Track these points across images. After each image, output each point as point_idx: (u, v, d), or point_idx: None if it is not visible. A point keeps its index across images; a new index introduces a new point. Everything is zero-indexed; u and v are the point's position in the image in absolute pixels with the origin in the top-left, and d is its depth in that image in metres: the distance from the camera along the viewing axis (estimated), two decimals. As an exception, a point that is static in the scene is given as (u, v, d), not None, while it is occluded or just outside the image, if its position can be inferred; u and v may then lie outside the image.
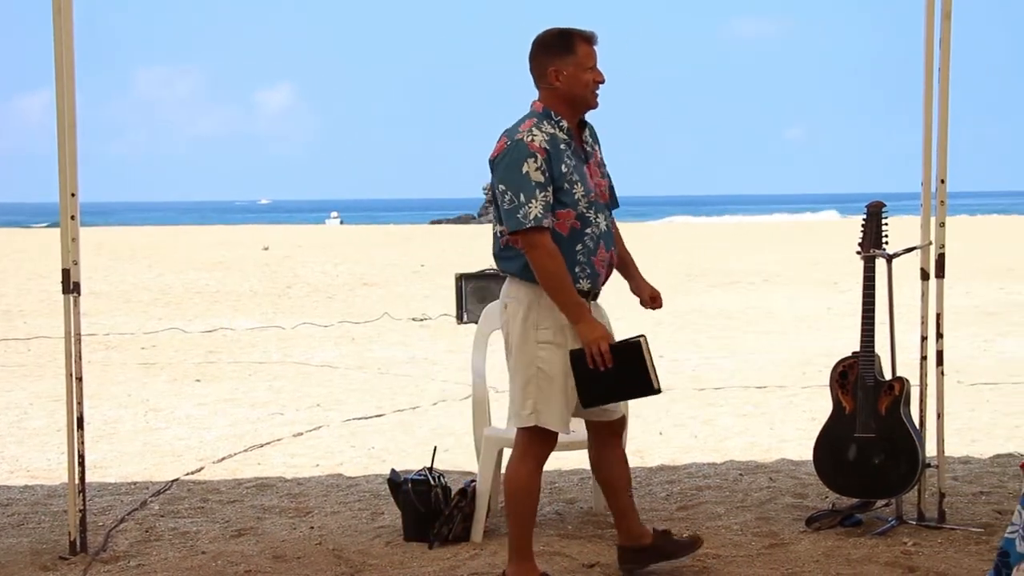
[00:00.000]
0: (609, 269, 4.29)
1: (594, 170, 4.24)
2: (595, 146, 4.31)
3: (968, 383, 9.01)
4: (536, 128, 4.08)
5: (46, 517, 5.48)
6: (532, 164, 4.02)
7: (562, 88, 4.13)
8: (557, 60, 4.12)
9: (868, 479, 5.00)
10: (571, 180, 4.09)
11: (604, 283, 4.31)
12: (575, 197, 4.10)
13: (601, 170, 4.28)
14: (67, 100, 4.69)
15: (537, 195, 4.00)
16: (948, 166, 4.96)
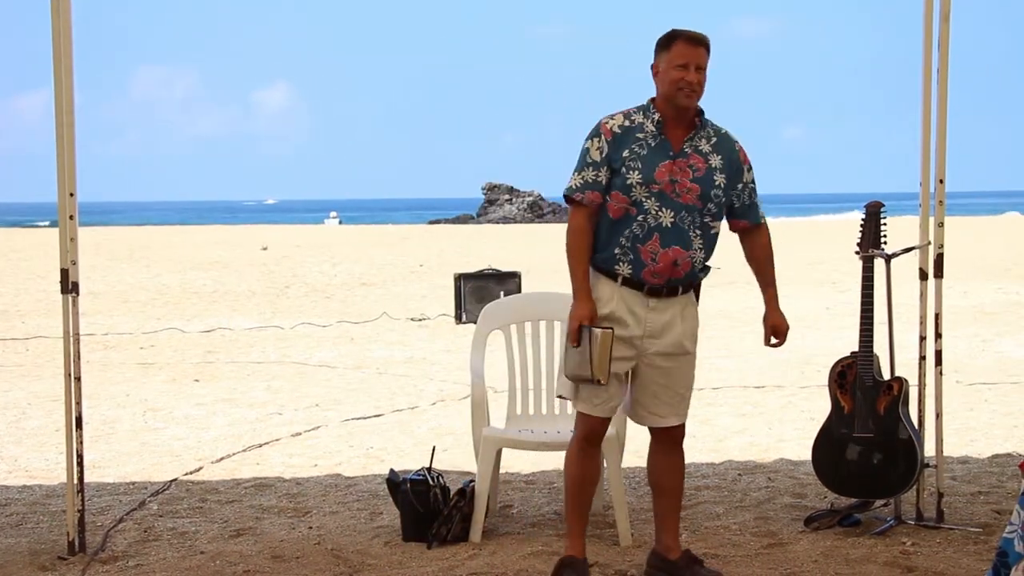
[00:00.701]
0: (669, 266, 4.23)
1: (679, 168, 4.23)
2: (709, 152, 4.28)
3: (966, 383, 9.02)
4: (624, 114, 4.31)
5: (44, 517, 5.48)
6: (595, 143, 4.27)
7: (657, 83, 4.30)
8: (658, 56, 4.29)
9: (867, 479, 5.00)
10: (629, 166, 4.21)
11: (662, 279, 4.25)
12: (628, 182, 4.20)
13: (694, 173, 4.23)
14: (65, 100, 4.69)
15: (584, 170, 4.26)
16: (947, 166, 4.96)
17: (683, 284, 4.31)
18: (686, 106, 4.23)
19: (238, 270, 22.40)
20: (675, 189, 4.22)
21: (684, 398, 4.41)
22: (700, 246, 4.30)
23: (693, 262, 4.28)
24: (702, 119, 4.31)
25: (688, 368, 4.39)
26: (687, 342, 4.35)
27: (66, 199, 4.73)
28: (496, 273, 14.15)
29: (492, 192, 59.91)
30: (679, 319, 4.32)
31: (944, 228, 5.00)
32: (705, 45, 4.24)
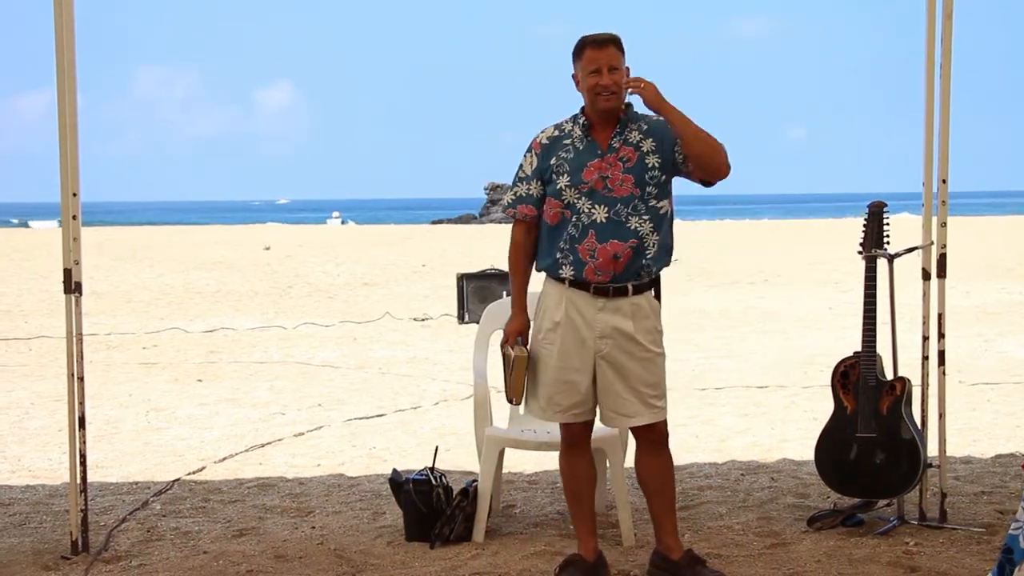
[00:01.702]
0: (609, 261, 4.25)
1: (608, 164, 4.27)
2: (640, 140, 4.29)
3: (969, 383, 9.01)
4: (555, 126, 4.41)
5: (48, 517, 5.48)
6: (526, 158, 4.42)
7: (580, 91, 4.36)
8: (575, 66, 4.36)
9: (870, 479, 5.00)
10: (557, 171, 4.32)
11: (605, 276, 4.27)
12: (558, 187, 4.30)
13: (625, 165, 4.26)
14: (68, 100, 4.69)
15: (517, 186, 4.43)
16: (949, 166, 4.96)
17: (632, 280, 4.28)
18: (607, 108, 4.28)
19: (241, 270, 22.41)
20: (606, 185, 4.26)
21: (650, 396, 4.35)
22: (648, 231, 4.27)
23: (636, 251, 4.26)
24: (628, 113, 4.34)
25: (649, 367, 4.35)
26: (644, 341, 4.32)
27: (69, 199, 4.73)
28: (498, 273, 14.14)
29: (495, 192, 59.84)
30: (631, 319, 4.30)
31: (947, 228, 4.99)
32: (614, 43, 4.27)
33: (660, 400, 4.40)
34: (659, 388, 4.40)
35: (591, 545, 4.46)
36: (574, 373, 4.34)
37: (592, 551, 4.45)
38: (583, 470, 4.50)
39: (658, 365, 4.40)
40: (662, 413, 4.42)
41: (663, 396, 4.42)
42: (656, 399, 4.38)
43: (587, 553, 4.44)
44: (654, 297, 4.41)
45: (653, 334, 4.36)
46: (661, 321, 4.44)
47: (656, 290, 4.42)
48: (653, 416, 4.39)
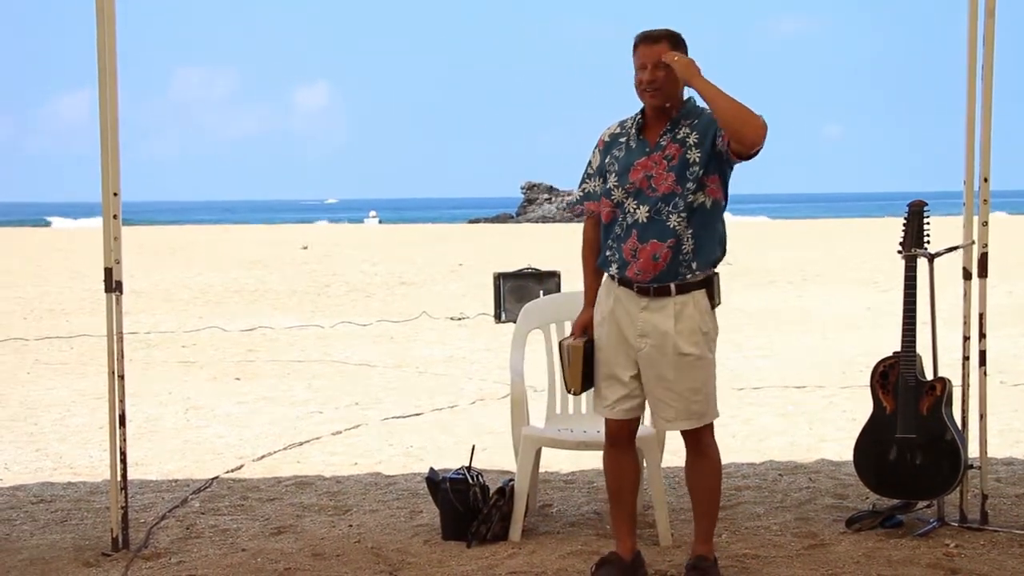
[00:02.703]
0: (649, 261, 4.23)
1: (654, 162, 4.25)
2: (687, 135, 4.23)
3: (1011, 383, 8.92)
4: (619, 123, 4.45)
5: (89, 514, 5.54)
6: (593, 155, 4.49)
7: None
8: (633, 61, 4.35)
9: (909, 480, 4.97)
10: (608, 171, 4.37)
11: (646, 276, 4.24)
12: (608, 187, 4.35)
13: (669, 163, 4.23)
14: (110, 101, 4.73)
15: (584, 182, 4.49)
16: (991, 164, 4.91)
17: (675, 280, 4.23)
18: (653, 105, 4.27)
19: (279, 269, 22.53)
20: (651, 184, 4.24)
21: (691, 402, 4.27)
22: (684, 227, 4.20)
23: (674, 250, 4.21)
24: (683, 108, 4.28)
25: (691, 371, 4.25)
26: (684, 344, 4.22)
27: (110, 198, 4.78)
28: (535, 272, 14.14)
29: (531, 191, 59.91)
30: (674, 319, 4.23)
31: (988, 227, 4.95)
32: (668, 39, 4.23)
33: (704, 405, 4.30)
34: (702, 393, 4.28)
35: (629, 544, 4.44)
36: (617, 368, 4.33)
37: (629, 550, 4.44)
38: (625, 468, 4.48)
39: (701, 369, 4.27)
40: (705, 419, 4.32)
41: (708, 401, 4.31)
42: (702, 406, 4.29)
43: (624, 552, 4.43)
44: (709, 298, 4.29)
45: (697, 336, 4.24)
46: (713, 323, 4.31)
47: (710, 290, 4.29)
48: (695, 421, 4.31)
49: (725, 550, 4.74)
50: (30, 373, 10.29)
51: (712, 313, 4.30)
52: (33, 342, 12.40)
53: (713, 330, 4.31)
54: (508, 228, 45.62)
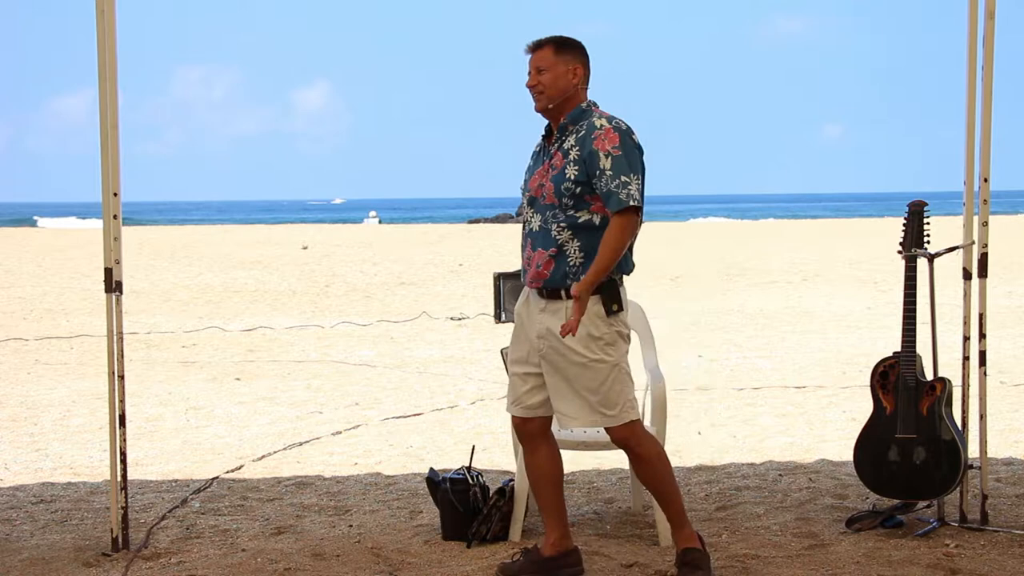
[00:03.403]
0: (534, 269, 4.29)
1: (545, 170, 4.30)
2: (572, 146, 4.23)
3: (1011, 384, 8.92)
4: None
5: (89, 514, 5.54)
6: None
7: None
8: None
9: (909, 480, 4.97)
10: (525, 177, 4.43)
11: (537, 283, 4.29)
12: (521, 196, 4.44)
13: (552, 172, 4.26)
14: (110, 101, 4.73)
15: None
16: (991, 164, 4.92)
17: (561, 286, 4.23)
18: (538, 110, 4.34)
19: (279, 269, 22.53)
20: (542, 193, 4.28)
21: (595, 403, 4.25)
22: (569, 242, 4.21)
23: (559, 261, 4.22)
24: (570, 115, 4.29)
25: (589, 373, 4.23)
26: (576, 346, 4.20)
27: (110, 199, 4.78)
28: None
29: (531, 191, 59.83)
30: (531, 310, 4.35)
31: (988, 227, 4.95)
32: (550, 44, 4.29)
33: (611, 408, 4.26)
34: (604, 395, 4.25)
35: (551, 539, 4.47)
36: (521, 366, 4.42)
37: (551, 547, 4.45)
38: (539, 465, 4.51)
39: (600, 372, 4.24)
40: (613, 420, 4.29)
41: (616, 405, 4.27)
42: (604, 406, 4.26)
43: (545, 548, 4.46)
44: (605, 304, 4.23)
45: (586, 340, 4.20)
46: (610, 328, 4.25)
47: (606, 297, 4.22)
48: (602, 421, 4.30)
49: (725, 550, 4.74)
50: (30, 373, 10.29)
51: (608, 319, 4.24)
52: (33, 342, 12.41)
53: (610, 335, 4.24)
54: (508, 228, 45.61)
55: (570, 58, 4.30)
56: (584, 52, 4.35)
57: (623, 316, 4.30)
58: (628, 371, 4.33)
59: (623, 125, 4.24)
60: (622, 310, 4.28)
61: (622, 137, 4.19)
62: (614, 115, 4.28)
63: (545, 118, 4.38)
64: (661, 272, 20.50)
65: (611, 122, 4.22)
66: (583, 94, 4.33)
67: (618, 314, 4.27)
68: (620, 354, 4.29)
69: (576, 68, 4.30)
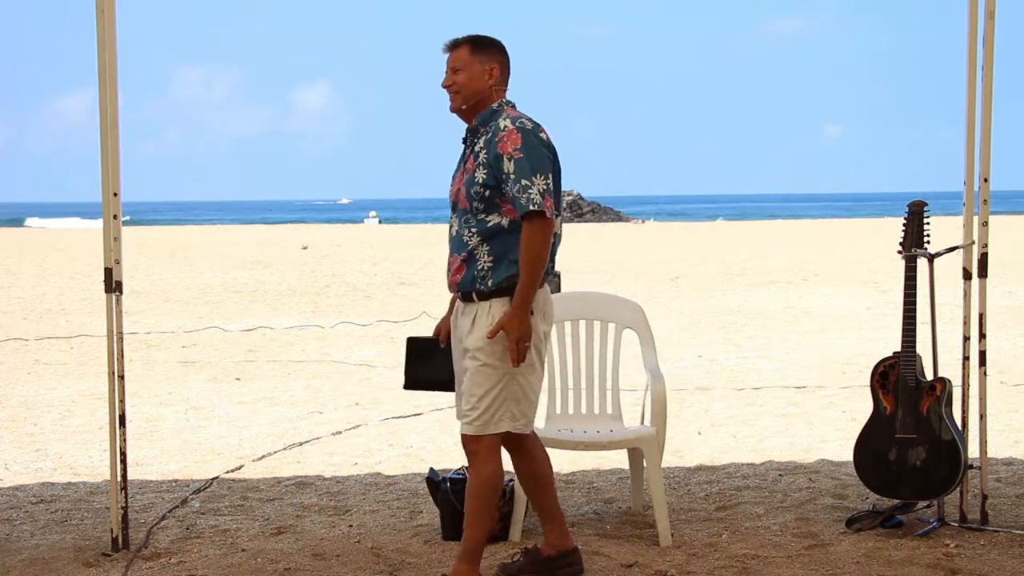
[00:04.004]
0: (452, 272, 4.24)
1: (461, 175, 4.26)
2: (481, 148, 4.18)
3: (1011, 384, 8.92)
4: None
5: (89, 514, 5.54)
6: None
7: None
8: None
9: (909, 480, 4.97)
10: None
11: (451, 286, 4.26)
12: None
13: (465, 176, 4.22)
14: (110, 101, 4.73)
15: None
16: (991, 164, 4.92)
17: (472, 290, 4.18)
18: (453, 110, 4.29)
19: (279, 269, 22.53)
20: (459, 197, 4.23)
21: (476, 407, 4.18)
22: (480, 246, 4.15)
23: (469, 266, 4.17)
24: (481, 116, 4.23)
25: (477, 375, 4.16)
26: (473, 347, 4.16)
27: (110, 199, 4.78)
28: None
29: (531, 191, 59.76)
30: (472, 324, 4.20)
31: (988, 227, 4.95)
32: (461, 45, 4.24)
33: (483, 413, 4.18)
34: (484, 400, 4.17)
35: (549, 538, 4.47)
36: (458, 376, 4.36)
37: (549, 546, 4.45)
38: (527, 471, 4.49)
39: (490, 377, 4.16)
40: (483, 428, 4.20)
41: (489, 412, 4.18)
42: (481, 410, 4.18)
43: (544, 547, 4.46)
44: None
45: (493, 342, 4.13)
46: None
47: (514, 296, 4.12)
48: (468, 428, 4.23)
49: (725, 550, 4.75)
50: (30, 373, 10.29)
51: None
52: (33, 342, 12.40)
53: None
54: (508, 228, 45.62)
55: (486, 58, 4.22)
56: (502, 52, 4.27)
57: (536, 323, 4.17)
58: (523, 383, 4.19)
59: (528, 124, 4.13)
60: (532, 314, 4.15)
61: (525, 137, 4.09)
62: (523, 114, 4.19)
63: (461, 119, 4.29)
64: (661, 272, 20.50)
65: (515, 123, 4.12)
66: (497, 94, 4.25)
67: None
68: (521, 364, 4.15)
69: (492, 68, 4.22)
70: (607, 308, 5.51)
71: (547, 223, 4.06)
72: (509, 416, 4.19)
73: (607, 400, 5.39)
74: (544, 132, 4.16)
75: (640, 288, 17.45)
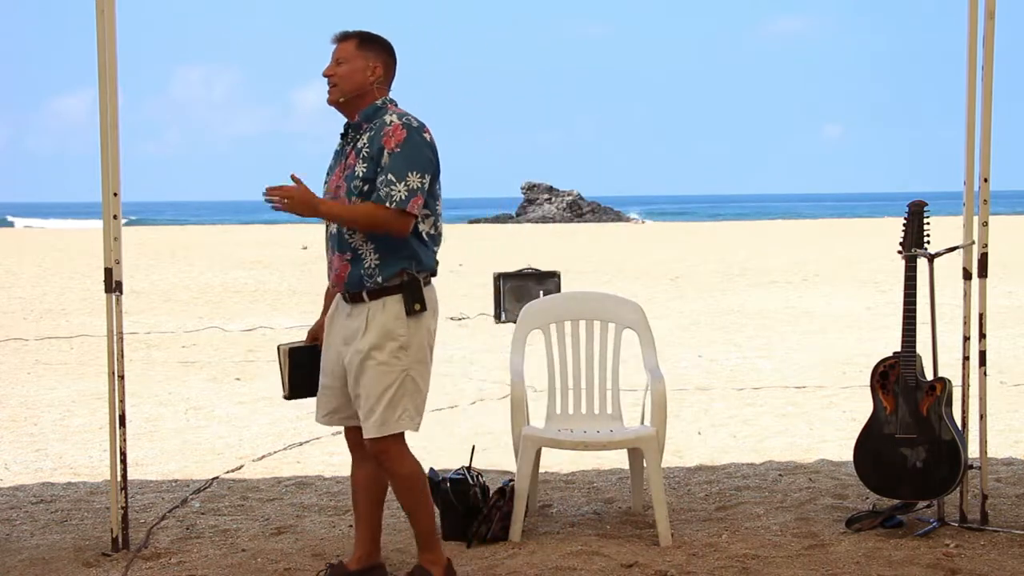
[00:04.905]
0: (334, 273, 4.19)
1: (342, 171, 4.21)
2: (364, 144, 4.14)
3: (1011, 384, 8.92)
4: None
5: (89, 514, 5.54)
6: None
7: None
8: None
9: (909, 480, 4.97)
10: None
11: (339, 286, 4.19)
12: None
13: (345, 171, 4.17)
14: (110, 101, 4.73)
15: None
16: (991, 164, 4.92)
17: (364, 289, 4.12)
18: (330, 103, 4.23)
19: (279, 269, 22.54)
20: (339, 193, 4.17)
21: (372, 410, 4.12)
22: (364, 244, 4.10)
23: (355, 265, 4.12)
24: (364, 112, 4.19)
25: (371, 375, 4.10)
26: (366, 347, 4.09)
27: (110, 199, 4.78)
28: (535, 272, 14.15)
29: (531, 191, 59.87)
30: (365, 324, 4.12)
31: (988, 227, 4.95)
32: (350, 38, 4.20)
33: (387, 413, 4.12)
34: (384, 400, 4.11)
35: (359, 554, 4.41)
36: (330, 376, 4.30)
37: (355, 561, 4.40)
38: (356, 478, 4.43)
39: (385, 375, 4.10)
40: (385, 429, 4.13)
41: (392, 410, 4.12)
42: (381, 412, 4.12)
43: (350, 562, 4.41)
44: (406, 302, 4.11)
45: (384, 340, 4.09)
46: (409, 331, 4.12)
47: (407, 296, 4.12)
48: (374, 430, 4.14)
49: (725, 550, 4.75)
50: (30, 373, 10.29)
51: (407, 320, 4.12)
52: (33, 342, 12.41)
53: (411, 337, 4.12)
54: (508, 228, 45.64)
55: (372, 55, 4.18)
56: (389, 52, 4.23)
57: (427, 319, 4.16)
58: (417, 379, 4.17)
59: (414, 122, 4.11)
60: (425, 310, 4.13)
61: (409, 135, 4.07)
62: (407, 112, 4.17)
63: (340, 113, 4.24)
64: (661, 272, 20.51)
65: (402, 119, 4.10)
66: (380, 92, 4.21)
67: (420, 315, 4.13)
68: (412, 360, 4.13)
69: (376, 66, 4.18)
70: (607, 308, 5.51)
71: (404, 222, 4.05)
72: (408, 415, 4.17)
73: (607, 400, 5.39)
74: (428, 132, 4.15)
75: (640, 288, 17.45)
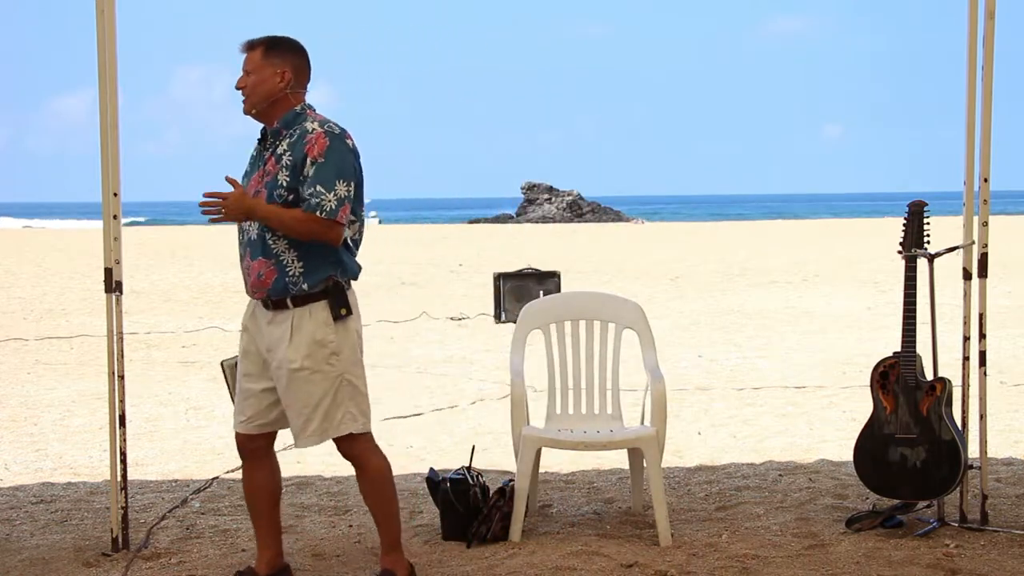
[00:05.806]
0: (255, 279, 4.16)
1: (260, 178, 4.17)
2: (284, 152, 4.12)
3: (1011, 384, 8.92)
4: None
5: (89, 514, 5.54)
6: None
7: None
8: None
9: (909, 480, 4.97)
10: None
11: (259, 293, 4.17)
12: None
13: (265, 178, 4.14)
14: (110, 101, 4.73)
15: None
16: (991, 164, 4.92)
17: (289, 296, 4.11)
18: (245, 113, 4.21)
19: (279, 269, 22.50)
20: (257, 198, 4.12)
21: (308, 419, 4.13)
22: (287, 251, 4.10)
23: (279, 271, 4.11)
24: (283, 119, 4.16)
25: (304, 385, 4.11)
26: (295, 356, 4.09)
27: (110, 199, 4.78)
28: (535, 272, 14.15)
29: (531, 191, 59.87)
30: (290, 333, 4.11)
31: (988, 227, 4.95)
32: (256, 47, 4.17)
33: (329, 421, 4.14)
34: (320, 408, 4.13)
35: (265, 557, 4.40)
36: (250, 381, 4.28)
37: (265, 565, 4.39)
38: (256, 482, 4.40)
39: (316, 384, 4.12)
40: (328, 434, 4.17)
41: (334, 418, 4.15)
42: (323, 420, 4.14)
43: (259, 567, 4.39)
44: (332, 308, 4.16)
45: (312, 348, 4.11)
46: (338, 336, 4.17)
47: (336, 300, 4.18)
48: (316, 438, 4.16)
49: (725, 550, 4.75)
50: (30, 373, 10.29)
51: (335, 325, 4.15)
52: (33, 342, 12.41)
53: (342, 342, 4.16)
54: (508, 228, 45.63)
55: (279, 61, 4.15)
56: (298, 53, 4.21)
57: (353, 322, 4.20)
58: (355, 382, 4.20)
59: (336, 129, 4.11)
60: (351, 314, 4.18)
61: (332, 142, 4.07)
62: (328, 119, 4.16)
63: (258, 122, 4.23)
64: (661, 272, 20.51)
65: (323, 126, 4.09)
66: (296, 98, 4.18)
67: (346, 319, 4.16)
68: (346, 364, 4.17)
69: (284, 72, 4.15)
70: (607, 308, 5.51)
71: (337, 232, 4.10)
72: (350, 417, 4.18)
73: (607, 400, 5.39)
74: (350, 138, 4.15)
75: (640, 288, 17.45)
